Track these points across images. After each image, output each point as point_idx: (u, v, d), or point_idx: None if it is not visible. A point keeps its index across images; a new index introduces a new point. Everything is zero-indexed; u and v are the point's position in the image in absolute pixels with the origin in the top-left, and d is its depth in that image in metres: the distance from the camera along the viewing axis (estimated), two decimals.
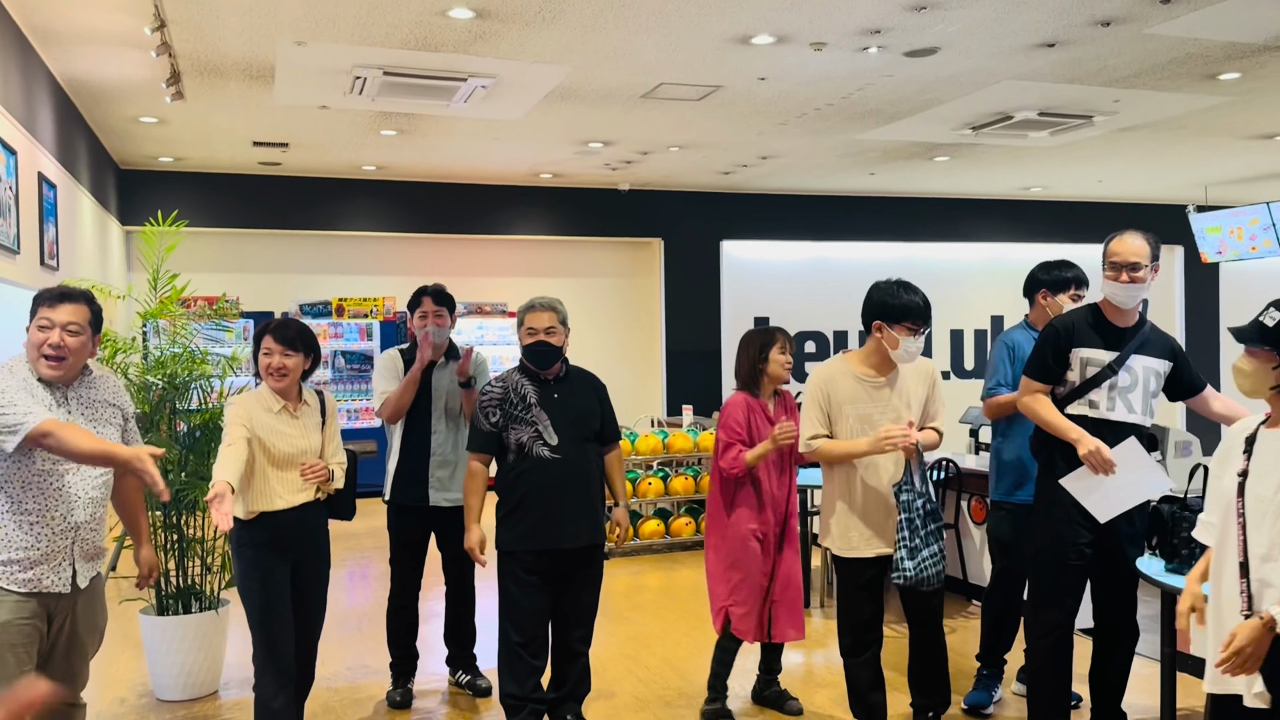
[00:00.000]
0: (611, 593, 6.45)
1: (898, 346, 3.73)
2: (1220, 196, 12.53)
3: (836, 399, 3.80)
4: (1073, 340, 3.71)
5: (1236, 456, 2.69)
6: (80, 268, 7.11)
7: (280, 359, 3.77)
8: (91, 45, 5.94)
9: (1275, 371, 2.61)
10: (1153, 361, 3.75)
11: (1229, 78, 6.88)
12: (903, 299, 3.74)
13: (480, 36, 5.82)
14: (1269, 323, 2.63)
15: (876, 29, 5.76)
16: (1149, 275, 3.68)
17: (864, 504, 3.79)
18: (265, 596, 3.74)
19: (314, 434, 3.85)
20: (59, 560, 3.04)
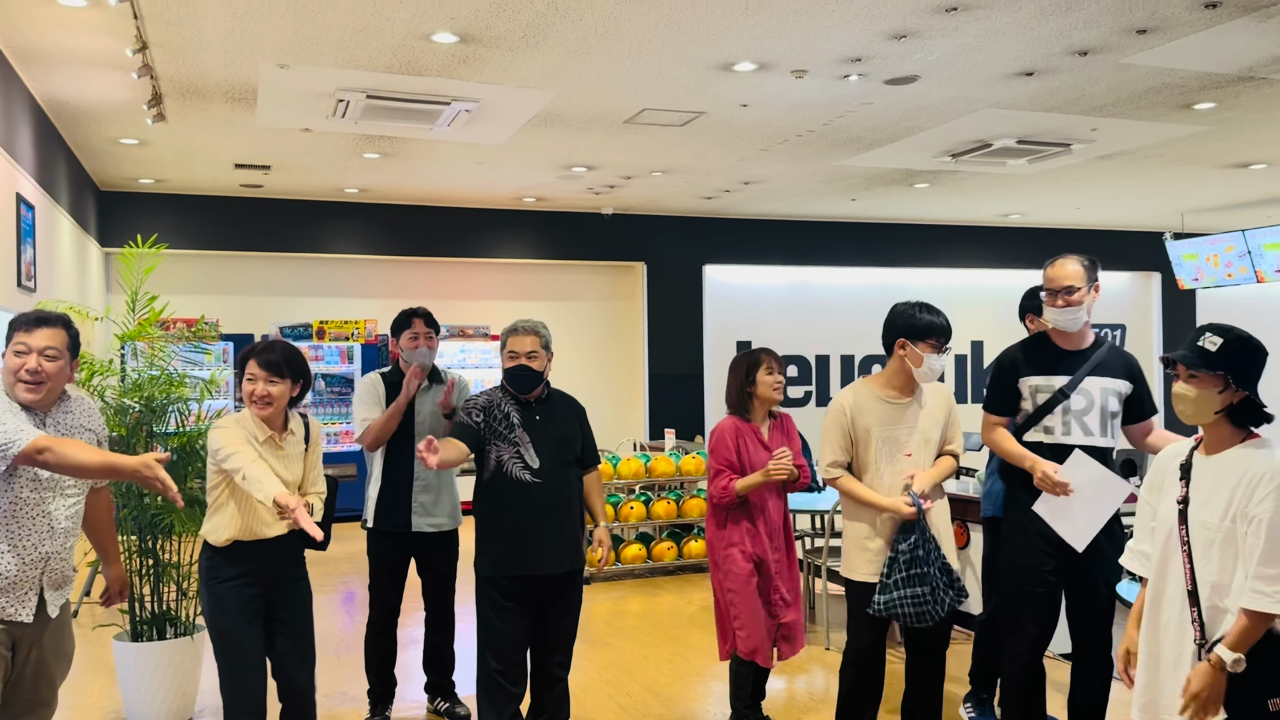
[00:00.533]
0: (593, 618, 6.40)
1: (921, 364, 3.75)
2: (1197, 224, 12.68)
3: (863, 423, 3.79)
4: (1018, 371, 3.80)
5: (1172, 484, 2.69)
6: (58, 289, 7.06)
7: (264, 386, 3.47)
8: (72, 66, 5.92)
9: (1220, 396, 2.61)
10: (1110, 382, 3.75)
11: (1204, 107, 6.98)
12: (926, 318, 3.79)
13: (464, 61, 5.84)
14: (1210, 347, 2.61)
15: (857, 57, 5.82)
16: (1086, 297, 3.72)
17: (871, 529, 3.78)
18: (233, 634, 3.51)
19: (296, 465, 3.62)
20: (25, 590, 2.98)
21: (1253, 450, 2.58)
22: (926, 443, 3.81)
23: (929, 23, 5.25)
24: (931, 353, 3.75)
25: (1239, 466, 2.57)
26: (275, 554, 3.59)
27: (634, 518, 7.68)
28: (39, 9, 4.98)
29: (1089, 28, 5.34)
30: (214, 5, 4.97)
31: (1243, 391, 2.59)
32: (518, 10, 5.04)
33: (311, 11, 5.05)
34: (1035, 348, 3.83)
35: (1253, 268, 10.40)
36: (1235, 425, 2.62)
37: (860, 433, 3.80)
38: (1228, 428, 2.62)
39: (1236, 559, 2.53)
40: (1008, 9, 5.06)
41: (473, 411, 3.93)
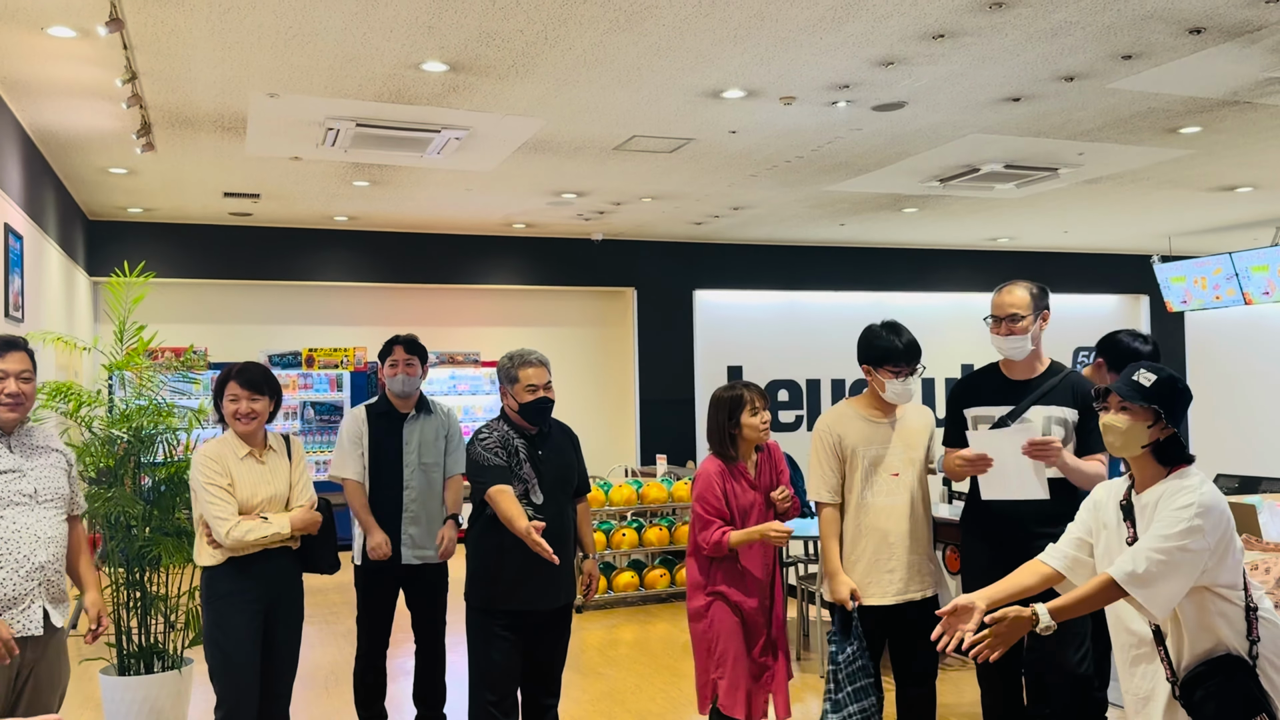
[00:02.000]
0: (585, 647, 6.35)
1: (885, 390, 3.76)
2: (1184, 247, 12.75)
3: (849, 442, 3.78)
4: (962, 401, 3.78)
5: (1116, 524, 2.72)
6: (46, 319, 7.02)
7: (248, 404, 3.73)
8: (62, 96, 5.92)
9: (1149, 430, 2.65)
10: (1054, 410, 3.63)
11: (1190, 131, 7.03)
12: (882, 343, 3.76)
13: (454, 89, 5.85)
14: (1145, 382, 2.67)
15: (845, 84, 5.85)
16: (1033, 325, 3.65)
17: (859, 554, 3.76)
18: (232, 652, 3.66)
19: (281, 479, 3.81)
20: (28, 603, 3.05)
21: (1175, 481, 2.64)
22: (912, 463, 3.79)
23: (916, 50, 5.29)
24: (892, 379, 3.73)
25: (1158, 498, 2.64)
26: (268, 570, 3.73)
27: (626, 544, 7.63)
28: (29, 39, 4.98)
29: (1075, 54, 5.38)
30: (203, 35, 4.97)
31: (1171, 428, 2.64)
32: (507, 39, 5.06)
33: (301, 41, 5.06)
34: (982, 377, 3.80)
35: (1240, 290, 10.46)
36: (1160, 462, 2.67)
37: (847, 452, 3.79)
38: (1153, 464, 2.67)
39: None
40: (994, 36, 5.10)
41: (496, 451, 3.85)
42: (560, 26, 4.91)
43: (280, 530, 3.68)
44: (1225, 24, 4.96)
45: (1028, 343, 3.65)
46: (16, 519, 3.06)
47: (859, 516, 3.78)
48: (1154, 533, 2.55)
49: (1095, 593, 2.58)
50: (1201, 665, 2.54)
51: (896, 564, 3.72)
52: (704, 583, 3.93)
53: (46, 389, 4.74)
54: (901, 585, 3.73)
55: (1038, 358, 3.72)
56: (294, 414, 10.40)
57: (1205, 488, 2.59)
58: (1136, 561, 2.52)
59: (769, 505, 3.95)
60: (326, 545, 3.90)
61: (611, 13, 4.74)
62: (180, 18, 4.75)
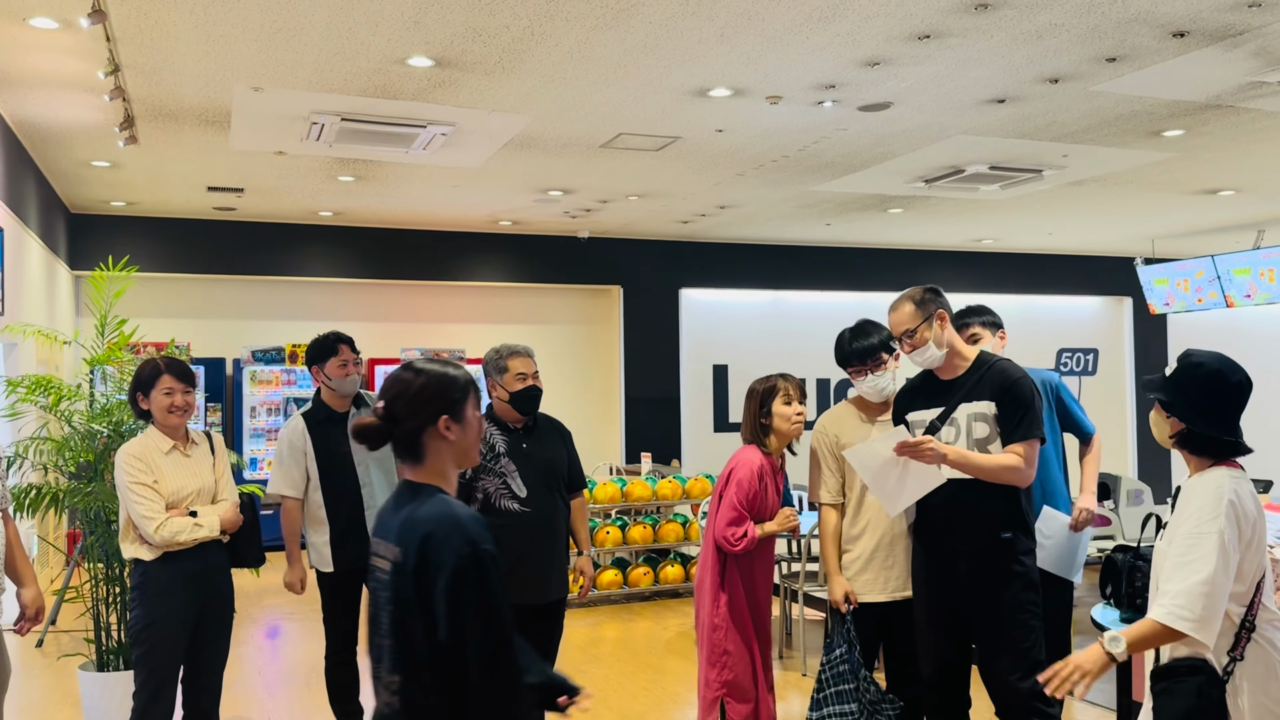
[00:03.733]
0: (568, 645, 6.35)
1: (859, 389, 3.86)
2: (1167, 249, 12.83)
3: (846, 441, 3.79)
4: (904, 407, 3.72)
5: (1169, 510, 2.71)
6: (26, 313, 6.97)
7: (183, 397, 3.76)
8: (44, 89, 5.87)
9: (1169, 422, 2.64)
10: (975, 405, 3.55)
11: (1173, 134, 7.07)
12: (845, 347, 3.86)
13: (440, 85, 5.83)
14: (1167, 373, 2.66)
15: (831, 84, 5.86)
16: (929, 332, 3.55)
17: (861, 551, 3.78)
18: (159, 643, 3.69)
19: (206, 474, 3.83)
20: None
21: (1203, 477, 2.59)
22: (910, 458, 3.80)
23: (902, 50, 5.30)
24: (856, 378, 3.83)
25: (1188, 492, 2.60)
26: (208, 562, 3.77)
27: (610, 543, 7.63)
28: (10, 30, 4.94)
29: (1059, 56, 5.40)
30: (187, 28, 4.94)
31: (1181, 422, 2.59)
32: (494, 35, 5.04)
33: (286, 35, 5.03)
34: (920, 381, 3.75)
35: (1222, 293, 10.52)
36: (1195, 453, 2.62)
37: (843, 449, 3.80)
38: (1189, 455, 2.64)
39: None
40: (979, 37, 5.12)
41: None
42: (547, 23, 4.90)
43: (211, 531, 3.73)
44: (1209, 28, 4.99)
45: (932, 349, 3.57)
46: None
47: (861, 514, 3.80)
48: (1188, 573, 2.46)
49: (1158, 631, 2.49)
50: (1172, 662, 2.54)
51: (895, 559, 3.75)
52: (722, 584, 3.80)
53: (26, 382, 4.71)
54: (900, 581, 3.74)
55: (959, 355, 3.62)
56: (277, 410, 10.35)
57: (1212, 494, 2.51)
58: (1192, 606, 2.43)
59: None
60: (252, 541, 3.95)
61: (598, 9, 4.73)
62: (164, 10, 4.71)
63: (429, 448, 2.19)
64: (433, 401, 2.18)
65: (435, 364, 2.24)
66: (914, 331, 3.56)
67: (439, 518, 2.08)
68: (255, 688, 5.70)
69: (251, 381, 10.32)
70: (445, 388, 2.20)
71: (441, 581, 2.02)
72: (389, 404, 2.19)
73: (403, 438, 2.19)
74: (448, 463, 2.22)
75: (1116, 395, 13.78)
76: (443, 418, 2.18)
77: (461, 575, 2.02)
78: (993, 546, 3.46)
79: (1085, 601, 6.68)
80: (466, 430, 2.23)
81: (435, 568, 2.03)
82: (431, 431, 2.18)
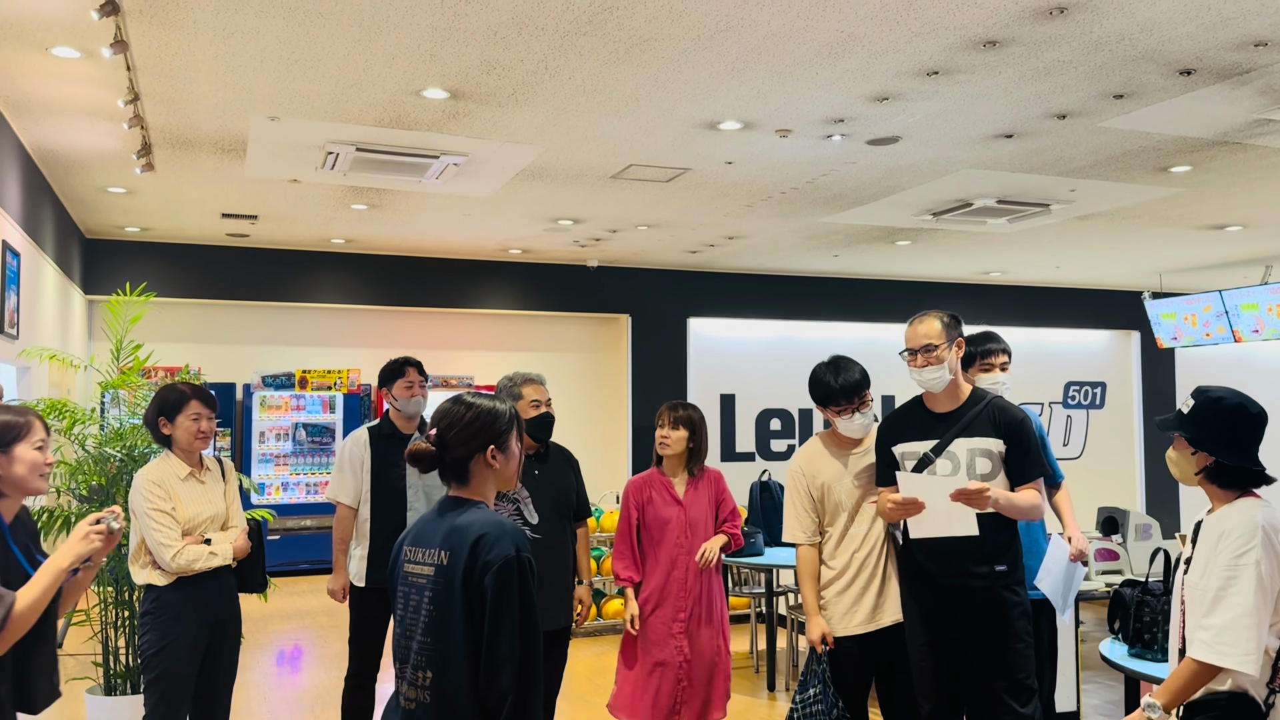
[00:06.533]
0: (574, 674, 6.33)
1: (839, 428, 3.85)
2: (1175, 284, 12.85)
3: (822, 480, 3.80)
4: (889, 439, 3.70)
5: (1188, 545, 2.72)
6: (40, 337, 7.03)
7: (208, 423, 3.83)
8: (63, 116, 5.95)
9: (1195, 458, 2.65)
10: (977, 441, 3.53)
11: (1180, 170, 7.11)
12: (822, 386, 3.82)
13: (453, 116, 5.90)
14: (1184, 410, 2.68)
15: (840, 118, 5.92)
16: (949, 353, 3.56)
17: (843, 585, 3.77)
18: (172, 668, 3.71)
19: (218, 500, 3.89)
20: None
21: (1231, 508, 2.61)
22: None
23: (911, 86, 5.36)
24: (838, 418, 3.80)
25: (1219, 524, 2.60)
26: (218, 588, 3.80)
27: None
28: (32, 59, 5.02)
29: (1067, 92, 5.46)
30: (206, 58, 5.02)
31: (1211, 456, 2.61)
32: (508, 68, 5.12)
33: (303, 66, 5.11)
34: (907, 412, 3.74)
35: (1230, 328, 10.53)
36: (1221, 486, 2.64)
37: (821, 491, 3.81)
38: (1216, 489, 2.65)
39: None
40: (988, 74, 5.18)
41: None
42: (560, 57, 4.97)
43: (224, 559, 3.79)
44: (1215, 66, 5.05)
45: (944, 372, 3.56)
46: None
47: (841, 548, 3.79)
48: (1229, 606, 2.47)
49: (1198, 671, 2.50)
50: (1210, 695, 2.52)
51: (874, 590, 3.73)
52: None
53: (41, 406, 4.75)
54: (881, 611, 3.73)
55: (958, 387, 3.63)
56: (286, 435, 10.39)
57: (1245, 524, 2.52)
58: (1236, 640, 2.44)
59: None
60: (256, 566, 3.99)
61: (611, 44, 4.80)
62: (184, 41, 4.80)
63: (474, 473, 2.40)
64: (482, 433, 2.39)
65: (484, 399, 2.44)
66: (936, 347, 3.56)
67: (489, 523, 2.29)
68: (261, 713, 5.70)
69: (261, 407, 10.36)
70: (493, 421, 2.41)
71: (489, 578, 2.20)
72: (441, 433, 2.39)
73: (452, 464, 2.40)
74: (490, 486, 2.44)
75: (1124, 429, 13.76)
76: (490, 447, 2.39)
77: (507, 574, 2.20)
78: (989, 578, 3.47)
79: (1094, 636, 6.65)
80: (509, 460, 2.45)
81: (484, 565, 2.21)
82: (479, 459, 2.39)
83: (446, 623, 2.23)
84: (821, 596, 3.78)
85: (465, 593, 2.22)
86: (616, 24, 4.56)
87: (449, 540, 2.29)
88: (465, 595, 2.22)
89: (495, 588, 2.20)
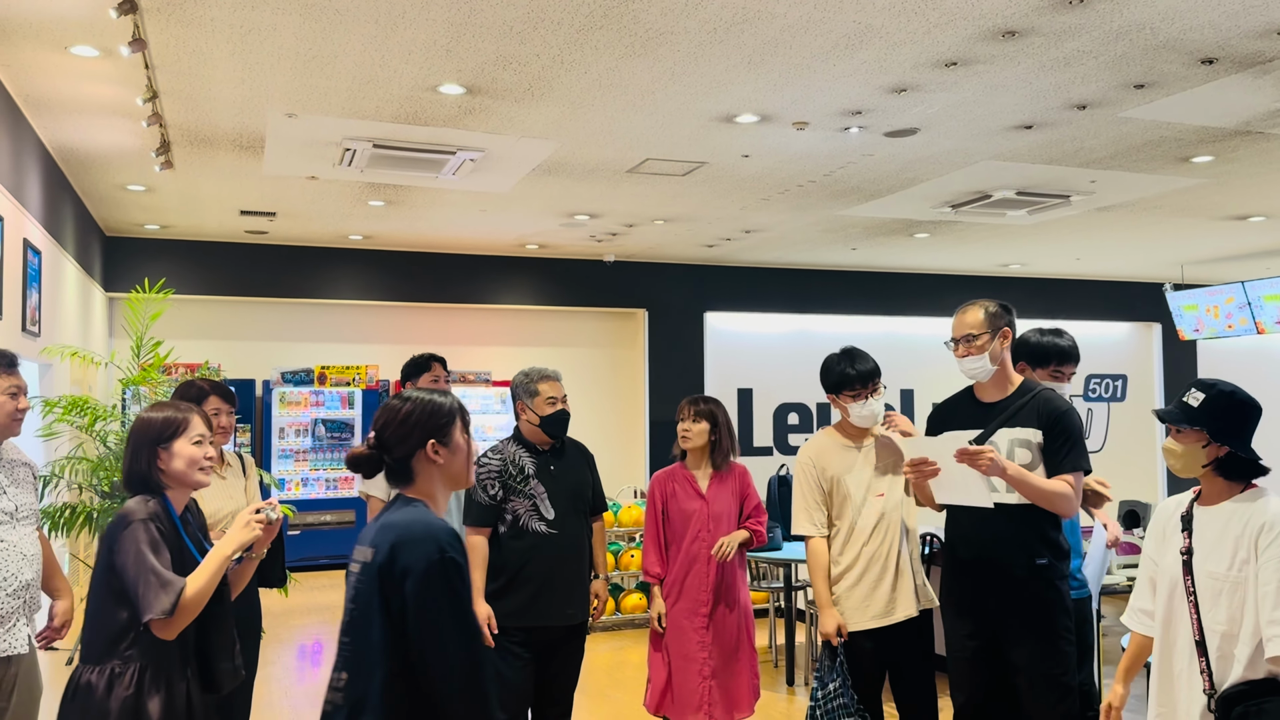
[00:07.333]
0: (592, 669, 6.34)
1: (848, 414, 3.82)
2: (1196, 275, 12.74)
3: (831, 472, 3.79)
4: (937, 427, 3.67)
5: (1174, 536, 2.71)
6: (61, 334, 7.08)
7: (227, 418, 3.81)
8: (83, 114, 5.99)
9: (1205, 450, 2.65)
10: (1018, 431, 3.49)
11: (1202, 160, 7.04)
12: (836, 372, 3.82)
13: (470, 111, 5.91)
14: (1193, 403, 2.67)
15: (858, 110, 5.89)
16: (991, 344, 3.52)
17: (852, 579, 3.75)
18: None
19: (238, 495, 3.89)
20: (13, 622, 3.03)
21: (1249, 502, 2.62)
22: (895, 482, 3.79)
23: (929, 77, 5.33)
24: (853, 403, 3.79)
25: (1240, 517, 2.61)
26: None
27: (634, 566, 7.63)
28: (52, 58, 5.06)
29: (1087, 83, 5.41)
30: (224, 56, 5.04)
31: (1225, 447, 2.62)
32: (524, 63, 5.11)
33: (320, 63, 5.12)
34: (956, 402, 3.72)
35: (1253, 319, 10.44)
36: (1227, 478, 2.65)
37: (830, 483, 3.80)
38: (1221, 481, 2.66)
39: (1244, 607, 2.54)
40: (1007, 64, 5.14)
41: (488, 485, 3.90)
42: (576, 51, 4.96)
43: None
44: (1237, 55, 4.99)
45: (986, 362, 3.53)
46: (3, 537, 3.05)
47: (851, 542, 3.77)
48: None
49: None
50: (1246, 684, 2.51)
51: (887, 585, 3.71)
52: None
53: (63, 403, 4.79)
54: (894, 606, 3.71)
55: (1006, 378, 3.59)
56: (305, 431, 10.44)
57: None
58: None
59: None
60: (276, 561, 3.98)
61: (627, 38, 4.79)
62: (202, 39, 4.81)
63: (418, 471, 2.27)
64: (419, 427, 2.27)
65: (422, 392, 2.33)
66: (977, 337, 3.54)
67: (413, 523, 2.16)
68: (282, 709, 5.73)
69: (280, 403, 10.42)
70: (432, 414, 2.29)
71: (410, 584, 2.07)
72: (379, 433, 2.28)
73: (394, 464, 2.28)
74: (437, 485, 2.30)
75: (1146, 422, 13.65)
76: (430, 442, 2.27)
77: (429, 580, 2.07)
78: (1028, 572, 3.44)
79: (1115, 630, 6.61)
80: (455, 454, 2.31)
81: (403, 570, 2.08)
82: (420, 455, 2.27)
83: (363, 623, 2.12)
84: (833, 592, 3.77)
85: (382, 593, 2.09)
86: (632, 17, 4.55)
87: (377, 538, 2.17)
88: (382, 595, 2.09)
89: (418, 595, 2.05)
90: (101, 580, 2.60)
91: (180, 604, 2.51)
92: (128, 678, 2.52)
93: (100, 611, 2.58)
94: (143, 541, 2.55)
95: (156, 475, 2.71)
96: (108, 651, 2.55)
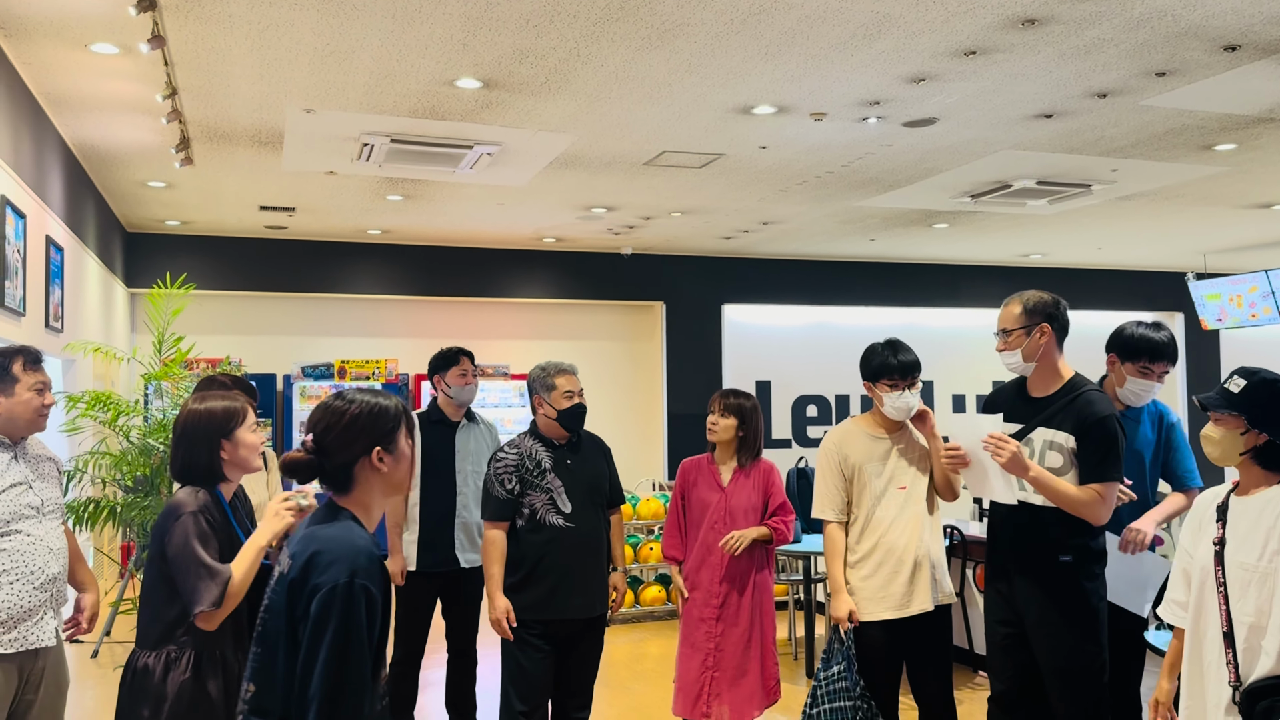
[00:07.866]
0: (612, 661, 6.36)
1: (884, 404, 3.79)
2: (1219, 264, 12.62)
3: (854, 460, 3.79)
4: (988, 410, 3.67)
5: (1209, 527, 2.68)
6: (84, 330, 7.14)
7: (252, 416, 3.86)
8: (103, 112, 6.03)
9: (1244, 438, 2.62)
10: (1052, 433, 3.44)
11: (1225, 148, 6.97)
12: (878, 358, 3.80)
13: (487, 105, 5.91)
14: (1234, 389, 2.65)
15: (876, 100, 5.86)
16: (1026, 339, 3.50)
17: (869, 569, 3.75)
18: None
19: (262, 488, 3.97)
20: (41, 615, 3.06)
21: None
22: (919, 476, 3.79)
23: (948, 66, 5.29)
24: (889, 392, 3.76)
25: (1274, 507, 2.57)
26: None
27: (654, 558, 7.64)
28: (72, 56, 5.09)
29: (1108, 70, 5.36)
30: (243, 52, 5.06)
31: (1263, 435, 2.60)
32: (541, 56, 5.11)
33: (338, 58, 5.14)
34: (1006, 391, 3.71)
35: (1276, 308, 10.33)
36: (1265, 467, 2.62)
37: (852, 470, 3.79)
38: (1258, 469, 2.63)
39: (1272, 599, 2.51)
40: (1026, 53, 5.09)
41: (505, 479, 3.91)
42: (593, 44, 4.96)
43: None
44: (1261, 41, 4.93)
45: (1019, 358, 3.53)
46: (30, 532, 3.09)
47: (867, 531, 3.76)
48: None
49: None
50: (1273, 679, 2.48)
51: (904, 577, 3.70)
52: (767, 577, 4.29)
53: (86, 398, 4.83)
54: (910, 599, 3.70)
55: (1054, 374, 3.54)
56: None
57: None
58: None
59: None
60: None
61: (643, 30, 4.78)
62: (220, 35, 4.83)
63: (359, 479, 2.13)
64: (365, 433, 2.12)
65: (366, 393, 2.18)
66: (1010, 332, 3.54)
67: (335, 540, 2.04)
68: None
69: (301, 397, 10.47)
70: (377, 418, 2.14)
71: (314, 604, 1.98)
72: (319, 438, 2.12)
73: (334, 471, 2.13)
74: (375, 494, 2.16)
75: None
76: (376, 449, 2.13)
77: (329, 603, 1.96)
78: (1051, 569, 3.43)
79: None
80: (400, 462, 2.18)
81: (312, 588, 1.99)
82: (364, 463, 2.13)
83: (273, 636, 2.04)
84: (848, 579, 3.77)
85: (289, 607, 2.01)
86: (649, 9, 4.54)
87: (297, 549, 2.06)
88: (289, 610, 2.01)
89: (315, 616, 1.96)
90: (155, 569, 2.67)
91: (227, 591, 2.60)
92: (184, 662, 2.61)
93: (154, 599, 2.66)
94: (192, 534, 2.62)
95: (219, 465, 2.78)
96: (164, 637, 2.64)
